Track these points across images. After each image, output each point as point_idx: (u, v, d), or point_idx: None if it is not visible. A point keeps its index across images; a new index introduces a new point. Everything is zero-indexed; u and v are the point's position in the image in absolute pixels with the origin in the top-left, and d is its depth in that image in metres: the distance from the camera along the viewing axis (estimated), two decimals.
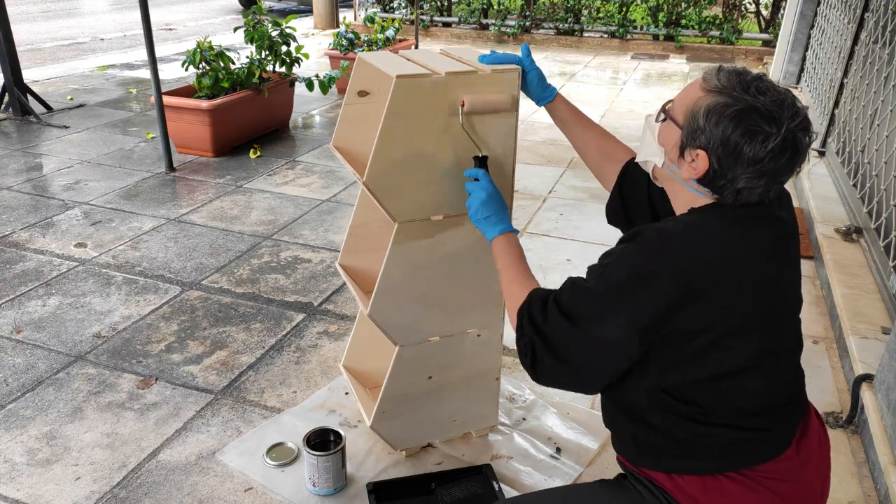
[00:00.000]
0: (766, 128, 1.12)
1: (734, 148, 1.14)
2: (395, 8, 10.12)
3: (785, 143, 1.12)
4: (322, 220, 3.62)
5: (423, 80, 1.54)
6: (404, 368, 1.86)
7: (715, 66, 1.22)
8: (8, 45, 5.02)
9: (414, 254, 1.72)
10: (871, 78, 3.63)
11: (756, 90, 1.15)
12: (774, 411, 1.23)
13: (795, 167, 1.17)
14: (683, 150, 1.21)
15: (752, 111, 1.13)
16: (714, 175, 1.18)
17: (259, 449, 2.01)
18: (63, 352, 2.47)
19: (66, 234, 3.38)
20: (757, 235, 1.20)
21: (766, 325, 1.21)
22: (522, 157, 1.85)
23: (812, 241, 3.38)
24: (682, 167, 1.23)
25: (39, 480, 1.91)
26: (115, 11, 11.73)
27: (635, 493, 1.29)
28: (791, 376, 1.29)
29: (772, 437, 1.23)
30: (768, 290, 1.20)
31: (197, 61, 4.39)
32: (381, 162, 1.58)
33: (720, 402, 1.20)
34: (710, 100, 1.17)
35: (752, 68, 1.23)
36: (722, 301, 1.15)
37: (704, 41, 8.82)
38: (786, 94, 1.16)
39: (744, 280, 1.17)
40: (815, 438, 1.30)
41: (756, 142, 1.13)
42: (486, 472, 1.91)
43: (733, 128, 1.14)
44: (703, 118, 1.17)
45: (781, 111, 1.13)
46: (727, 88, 1.16)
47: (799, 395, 1.31)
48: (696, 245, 1.17)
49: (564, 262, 3.20)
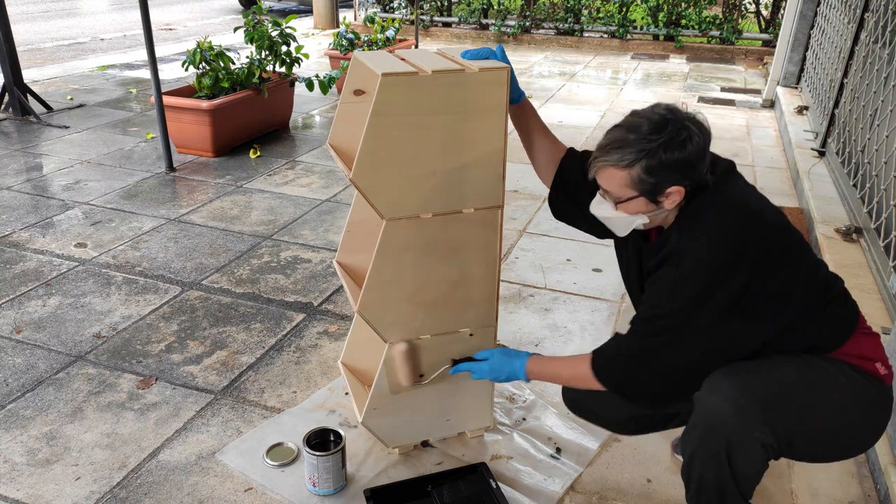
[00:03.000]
0: (679, 128, 1.39)
1: (683, 161, 1.40)
2: (395, 8, 10.12)
3: (689, 119, 1.42)
4: (322, 220, 3.62)
5: (410, 78, 1.56)
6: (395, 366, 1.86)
7: (609, 149, 1.46)
8: (8, 45, 5.02)
9: (403, 251, 1.73)
10: (871, 78, 3.63)
11: (637, 128, 1.42)
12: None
13: (705, 126, 1.46)
14: (657, 198, 1.46)
15: (661, 134, 1.39)
16: (691, 185, 1.44)
17: (259, 449, 2.01)
18: (63, 352, 2.47)
19: (66, 234, 3.38)
20: (744, 184, 1.51)
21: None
22: (522, 158, 1.85)
23: (812, 241, 3.38)
24: (664, 204, 1.47)
25: (39, 480, 1.91)
26: (115, 11, 11.73)
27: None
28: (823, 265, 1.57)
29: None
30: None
31: (197, 61, 4.39)
32: (368, 159, 1.60)
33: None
34: (637, 165, 1.41)
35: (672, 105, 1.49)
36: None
37: (704, 41, 8.82)
38: (652, 109, 1.44)
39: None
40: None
41: (686, 143, 1.40)
42: (481, 470, 1.91)
43: (668, 154, 1.39)
44: (647, 174, 1.42)
45: (669, 114, 1.41)
46: (634, 149, 1.41)
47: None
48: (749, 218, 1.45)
49: (564, 262, 3.20)
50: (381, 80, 1.52)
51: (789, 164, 4.58)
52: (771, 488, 1.91)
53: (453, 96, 1.61)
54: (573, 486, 1.92)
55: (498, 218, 1.79)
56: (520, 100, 1.79)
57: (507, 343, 2.56)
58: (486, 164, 1.71)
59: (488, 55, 1.70)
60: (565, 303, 2.86)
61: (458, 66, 1.62)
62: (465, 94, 1.62)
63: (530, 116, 1.83)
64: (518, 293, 2.93)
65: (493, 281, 1.86)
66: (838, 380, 1.48)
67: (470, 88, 1.62)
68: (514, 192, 4.01)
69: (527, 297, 2.89)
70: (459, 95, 1.62)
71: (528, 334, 2.62)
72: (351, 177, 1.61)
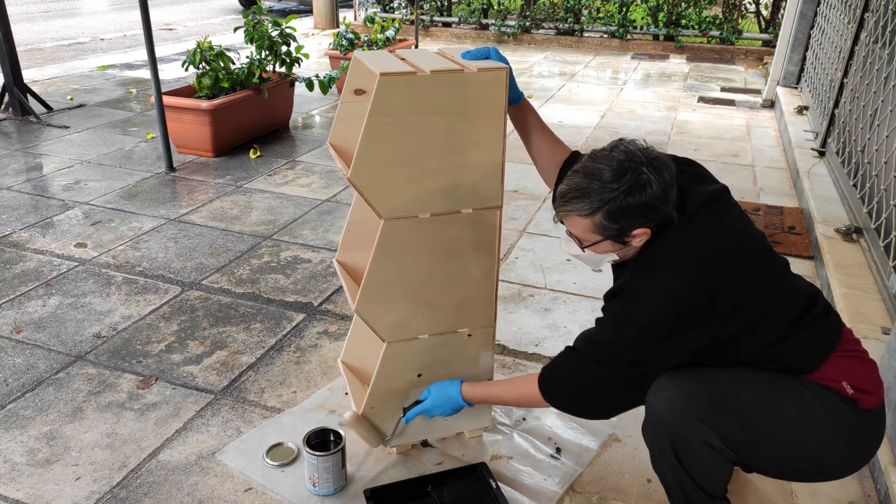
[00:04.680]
0: (638, 174, 1.40)
1: (645, 205, 1.40)
2: (395, 8, 10.12)
3: (651, 164, 1.41)
4: (322, 220, 3.62)
5: (408, 77, 1.56)
6: (393, 365, 1.87)
7: (570, 198, 1.47)
8: (8, 45, 5.02)
9: (401, 251, 1.73)
10: (871, 78, 3.63)
11: (597, 175, 1.42)
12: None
13: (667, 163, 1.46)
14: (623, 240, 1.47)
15: (620, 182, 1.39)
16: (656, 226, 1.45)
17: (259, 449, 2.01)
18: (63, 352, 2.47)
19: (66, 234, 3.38)
20: (716, 218, 1.48)
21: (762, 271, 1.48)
22: (522, 158, 1.85)
23: (812, 241, 3.38)
24: (632, 243, 1.48)
25: (39, 480, 1.91)
26: (115, 11, 11.73)
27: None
28: (803, 289, 1.55)
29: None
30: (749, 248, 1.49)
31: (197, 61, 4.39)
32: (366, 158, 1.60)
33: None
34: (599, 213, 1.43)
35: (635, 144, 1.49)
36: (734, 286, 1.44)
37: (704, 41, 8.82)
38: (611, 152, 1.44)
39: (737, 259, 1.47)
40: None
41: (646, 187, 1.40)
42: (481, 470, 1.91)
43: (630, 199, 1.40)
44: (610, 221, 1.43)
45: (627, 160, 1.41)
46: (595, 198, 1.42)
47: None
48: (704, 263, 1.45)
49: (564, 262, 3.20)
50: (380, 79, 1.52)
51: (789, 164, 4.58)
52: (771, 488, 1.91)
53: (452, 96, 1.61)
54: (573, 486, 1.92)
55: (497, 218, 1.79)
56: (519, 100, 1.79)
57: (508, 343, 2.56)
58: (484, 165, 1.71)
59: (488, 55, 1.70)
60: (565, 303, 2.86)
61: (457, 66, 1.62)
62: (464, 94, 1.62)
63: (530, 117, 1.83)
64: (518, 293, 2.93)
65: (491, 281, 1.86)
66: (803, 397, 1.45)
67: (469, 88, 1.62)
68: (514, 192, 4.01)
69: (527, 297, 2.89)
70: (458, 95, 1.62)
71: (528, 334, 2.62)
72: (349, 176, 1.61)
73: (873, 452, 1.51)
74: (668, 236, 1.46)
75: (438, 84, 1.59)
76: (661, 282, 1.45)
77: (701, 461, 1.47)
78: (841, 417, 1.45)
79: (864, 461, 1.51)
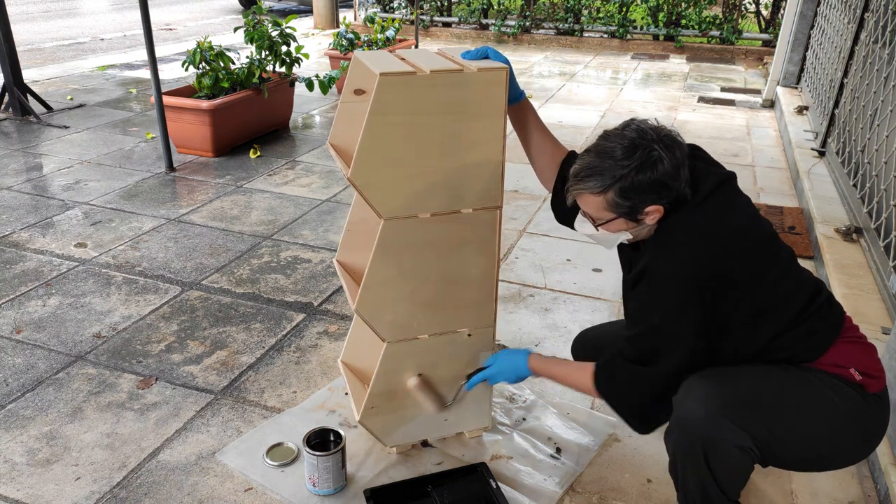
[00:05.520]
0: (649, 151, 1.41)
1: (656, 182, 1.42)
2: (395, 8, 10.12)
3: (662, 142, 1.42)
4: (322, 220, 3.62)
5: (408, 77, 1.56)
6: (392, 365, 1.87)
7: (582, 177, 1.48)
8: (8, 45, 5.02)
9: (401, 251, 1.73)
10: (871, 78, 3.63)
11: (608, 153, 1.43)
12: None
13: (678, 141, 1.48)
14: (636, 217, 1.48)
15: (631, 159, 1.41)
16: (669, 202, 1.45)
17: (259, 449, 2.01)
18: (63, 352, 2.47)
19: (66, 234, 3.38)
20: (728, 200, 1.51)
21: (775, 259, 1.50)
22: (522, 158, 1.85)
23: (812, 241, 3.38)
24: (645, 221, 1.49)
25: (39, 480, 1.91)
26: (115, 11, 11.73)
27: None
28: (808, 276, 1.57)
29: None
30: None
31: (197, 61, 4.39)
32: (366, 158, 1.60)
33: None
34: (612, 190, 1.44)
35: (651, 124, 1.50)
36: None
37: (704, 41, 8.82)
38: (623, 131, 1.45)
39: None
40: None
41: (657, 163, 1.41)
42: (481, 470, 1.91)
43: (641, 176, 1.41)
44: (622, 198, 1.44)
45: (638, 137, 1.42)
46: (607, 175, 1.43)
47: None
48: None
49: (564, 262, 3.20)
50: (380, 79, 1.52)
51: (789, 164, 4.58)
52: (771, 488, 1.91)
53: (452, 96, 1.61)
54: (573, 486, 1.92)
55: (496, 218, 1.79)
56: (520, 99, 1.79)
57: (508, 344, 2.56)
58: (484, 165, 1.71)
59: (486, 55, 1.71)
60: (565, 303, 2.86)
61: (456, 66, 1.62)
62: (464, 93, 1.62)
63: (529, 116, 1.83)
64: (518, 293, 2.93)
65: (491, 281, 1.86)
66: (817, 388, 1.48)
67: (469, 88, 1.62)
68: (514, 192, 4.01)
69: (527, 297, 2.89)
70: (458, 95, 1.62)
71: (528, 334, 2.62)
72: (349, 176, 1.61)
73: (882, 436, 1.54)
74: (682, 214, 1.47)
75: (438, 84, 1.59)
76: (680, 258, 1.45)
77: (730, 463, 1.47)
78: (851, 403, 1.48)
79: (874, 445, 1.54)
